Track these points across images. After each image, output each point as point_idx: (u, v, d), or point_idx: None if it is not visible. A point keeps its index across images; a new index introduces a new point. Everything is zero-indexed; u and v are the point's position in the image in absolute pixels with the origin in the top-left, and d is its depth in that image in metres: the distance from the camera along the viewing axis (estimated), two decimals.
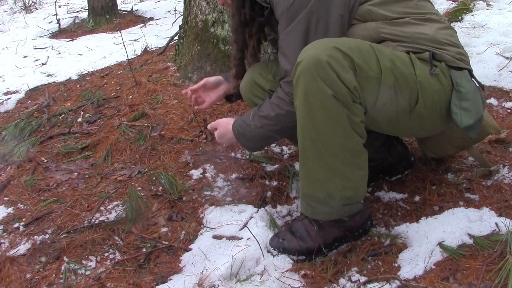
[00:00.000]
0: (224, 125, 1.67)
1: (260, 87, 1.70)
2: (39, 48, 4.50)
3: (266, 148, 2.11)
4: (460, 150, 1.77)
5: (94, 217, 1.80)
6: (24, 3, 6.97)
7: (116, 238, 1.70)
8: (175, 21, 4.76)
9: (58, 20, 5.45)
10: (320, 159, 1.34)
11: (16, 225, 1.84)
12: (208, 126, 1.75)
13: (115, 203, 1.89)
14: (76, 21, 5.56)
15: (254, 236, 1.53)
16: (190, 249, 1.59)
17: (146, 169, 2.10)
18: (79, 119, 2.67)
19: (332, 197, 1.39)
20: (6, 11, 7.04)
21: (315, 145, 1.32)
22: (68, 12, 6.17)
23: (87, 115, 2.71)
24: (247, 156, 2.08)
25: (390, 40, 1.39)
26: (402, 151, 1.77)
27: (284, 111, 1.46)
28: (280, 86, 1.49)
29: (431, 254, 1.37)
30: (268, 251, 1.50)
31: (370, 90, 1.31)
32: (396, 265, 1.40)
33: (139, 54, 3.74)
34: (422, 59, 1.37)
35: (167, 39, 3.78)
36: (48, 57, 4.11)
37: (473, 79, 1.44)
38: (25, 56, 4.31)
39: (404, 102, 1.34)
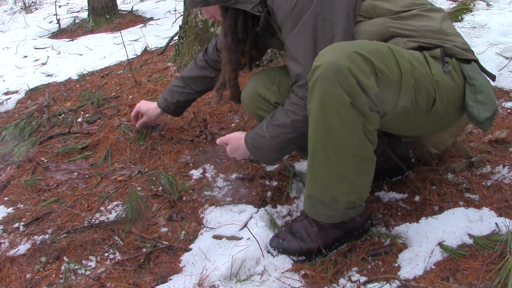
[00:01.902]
0: (235, 139, 1.65)
1: (265, 100, 1.66)
2: (39, 48, 4.49)
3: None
4: (455, 137, 1.81)
5: (94, 217, 1.80)
6: (24, 3, 6.97)
7: (116, 238, 1.70)
8: (175, 21, 4.76)
9: (58, 20, 5.44)
10: (329, 164, 1.32)
11: (16, 225, 1.84)
12: (218, 141, 1.71)
13: (115, 203, 1.89)
14: (76, 21, 5.56)
15: (254, 236, 1.53)
16: (190, 249, 1.59)
17: (146, 169, 2.10)
18: (79, 119, 2.67)
19: (336, 201, 1.38)
20: (6, 11, 7.04)
21: (325, 150, 1.30)
22: (68, 12, 6.17)
23: (87, 115, 2.71)
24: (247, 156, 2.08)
25: (400, 35, 1.38)
26: (403, 153, 1.77)
27: (301, 117, 1.42)
28: (293, 91, 1.46)
29: (431, 254, 1.37)
30: (268, 252, 1.50)
31: (391, 94, 1.28)
32: (396, 265, 1.40)
33: (139, 54, 3.74)
34: (434, 56, 1.36)
35: (167, 39, 3.78)
36: (48, 57, 4.11)
37: (482, 72, 1.44)
38: (25, 56, 4.31)
39: (422, 103, 1.33)
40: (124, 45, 3.28)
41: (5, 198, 2.03)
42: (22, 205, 1.97)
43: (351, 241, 1.52)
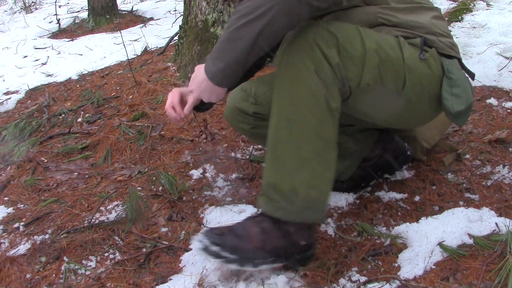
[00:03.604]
0: (198, 67, 1.42)
1: (244, 112, 1.66)
2: (39, 48, 4.50)
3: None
4: (441, 134, 1.85)
5: (94, 217, 1.80)
6: (24, 3, 6.97)
7: (116, 238, 1.70)
8: (175, 21, 4.76)
9: (58, 20, 5.44)
10: (292, 142, 1.28)
11: (16, 225, 1.84)
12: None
13: (115, 203, 1.89)
14: (76, 21, 5.56)
15: None
16: (190, 249, 1.59)
17: (146, 169, 2.10)
18: (79, 119, 2.67)
19: (296, 192, 1.31)
20: (6, 11, 7.04)
21: (289, 125, 1.27)
22: (68, 12, 6.17)
23: (87, 115, 2.71)
24: (247, 156, 2.08)
25: (386, 24, 1.40)
26: (397, 147, 1.75)
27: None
28: None
29: (431, 254, 1.37)
30: (200, 241, 1.37)
31: (354, 70, 1.29)
32: (396, 265, 1.40)
33: (139, 54, 3.74)
34: (413, 44, 1.37)
35: (167, 39, 3.78)
36: (48, 57, 4.11)
37: (462, 69, 1.45)
38: (25, 56, 4.31)
39: (390, 85, 1.33)
40: (124, 45, 3.28)
41: (5, 198, 2.03)
42: (22, 205, 1.97)
43: (285, 263, 1.39)
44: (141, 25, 4.98)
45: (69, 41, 4.68)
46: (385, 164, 1.76)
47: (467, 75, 1.49)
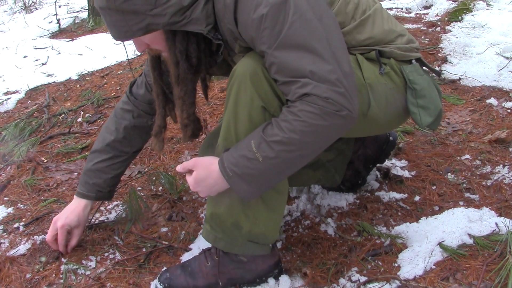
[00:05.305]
0: (206, 165, 1.24)
1: None
2: (39, 48, 4.49)
3: None
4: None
5: (94, 217, 1.80)
6: (24, 3, 6.97)
7: (116, 238, 1.70)
8: None
9: (58, 20, 5.44)
10: None
11: (16, 225, 1.84)
12: (179, 168, 1.29)
13: (115, 203, 1.89)
14: (76, 21, 5.55)
15: None
16: (190, 249, 1.59)
17: (146, 169, 2.10)
18: (79, 119, 2.67)
19: (239, 227, 1.29)
20: (6, 11, 7.04)
21: None
22: (68, 12, 6.17)
23: (87, 115, 2.71)
24: None
25: None
26: (378, 138, 1.72)
27: (312, 128, 1.10)
28: (300, 99, 1.11)
29: (431, 254, 1.37)
30: (156, 287, 1.44)
31: None
32: (396, 265, 1.40)
33: (139, 54, 3.74)
34: (370, 58, 1.31)
35: None
36: (48, 57, 4.11)
37: (424, 67, 1.38)
38: (25, 56, 4.30)
39: None
40: (124, 45, 3.27)
41: (5, 198, 2.03)
42: (22, 205, 1.97)
43: (250, 287, 1.39)
44: None
45: (69, 41, 4.68)
46: (371, 157, 1.73)
47: (432, 73, 1.41)
